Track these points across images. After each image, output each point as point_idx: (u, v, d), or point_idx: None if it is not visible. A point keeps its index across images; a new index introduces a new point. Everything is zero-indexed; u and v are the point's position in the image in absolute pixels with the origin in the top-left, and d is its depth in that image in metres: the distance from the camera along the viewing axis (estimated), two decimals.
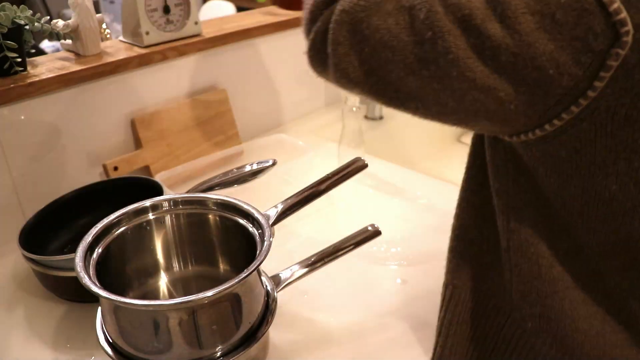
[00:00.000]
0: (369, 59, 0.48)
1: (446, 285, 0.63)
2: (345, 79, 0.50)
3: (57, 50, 1.41)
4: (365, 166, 0.74)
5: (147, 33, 0.98)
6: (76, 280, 0.55)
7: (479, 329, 0.61)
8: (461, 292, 0.61)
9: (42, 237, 0.81)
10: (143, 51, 0.97)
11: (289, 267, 0.68)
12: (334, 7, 0.49)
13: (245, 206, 0.66)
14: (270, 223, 0.65)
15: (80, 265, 0.56)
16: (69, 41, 0.94)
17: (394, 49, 0.46)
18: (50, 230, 0.82)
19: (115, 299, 0.52)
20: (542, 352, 0.56)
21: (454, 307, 0.62)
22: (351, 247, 0.70)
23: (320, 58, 0.51)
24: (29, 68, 0.87)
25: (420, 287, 0.78)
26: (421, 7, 0.45)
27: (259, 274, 0.63)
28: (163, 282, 0.70)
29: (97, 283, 0.55)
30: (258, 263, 0.56)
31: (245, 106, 1.19)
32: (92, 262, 0.59)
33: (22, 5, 0.84)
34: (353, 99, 1.02)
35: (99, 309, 0.61)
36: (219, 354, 0.57)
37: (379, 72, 0.48)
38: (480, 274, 0.60)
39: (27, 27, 0.84)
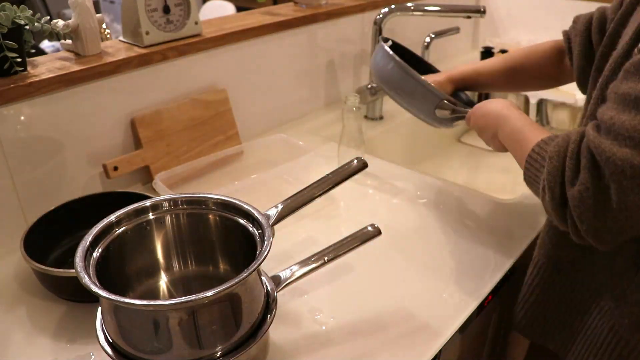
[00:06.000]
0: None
1: None
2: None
3: (57, 50, 1.41)
4: (365, 166, 0.74)
5: (147, 33, 0.98)
6: (76, 280, 0.55)
7: None
8: None
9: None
10: (143, 51, 0.97)
11: (289, 267, 0.69)
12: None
13: (245, 206, 0.66)
14: (270, 223, 0.66)
15: (80, 265, 0.56)
16: (69, 41, 0.94)
17: None
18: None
19: (115, 299, 0.52)
20: None
21: None
22: (351, 247, 0.70)
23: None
24: (29, 68, 0.87)
25: (419, 287, 0.79)
26: None
27: (259, 274, 0.63)
28: (163, 282, 0.70)
29: (97, 283, 0.55)
30: (258, 263, 0.56)
31: (245, 106, 1.19)
32: (92, 262, 0.59)
33: (22, 5, 0.84)
34: (353, 99, 1.02)
35: (99, 309, 0.61)
36: (219, 354, 0.57)
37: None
38: None
39: (27, 27, 0.84)
